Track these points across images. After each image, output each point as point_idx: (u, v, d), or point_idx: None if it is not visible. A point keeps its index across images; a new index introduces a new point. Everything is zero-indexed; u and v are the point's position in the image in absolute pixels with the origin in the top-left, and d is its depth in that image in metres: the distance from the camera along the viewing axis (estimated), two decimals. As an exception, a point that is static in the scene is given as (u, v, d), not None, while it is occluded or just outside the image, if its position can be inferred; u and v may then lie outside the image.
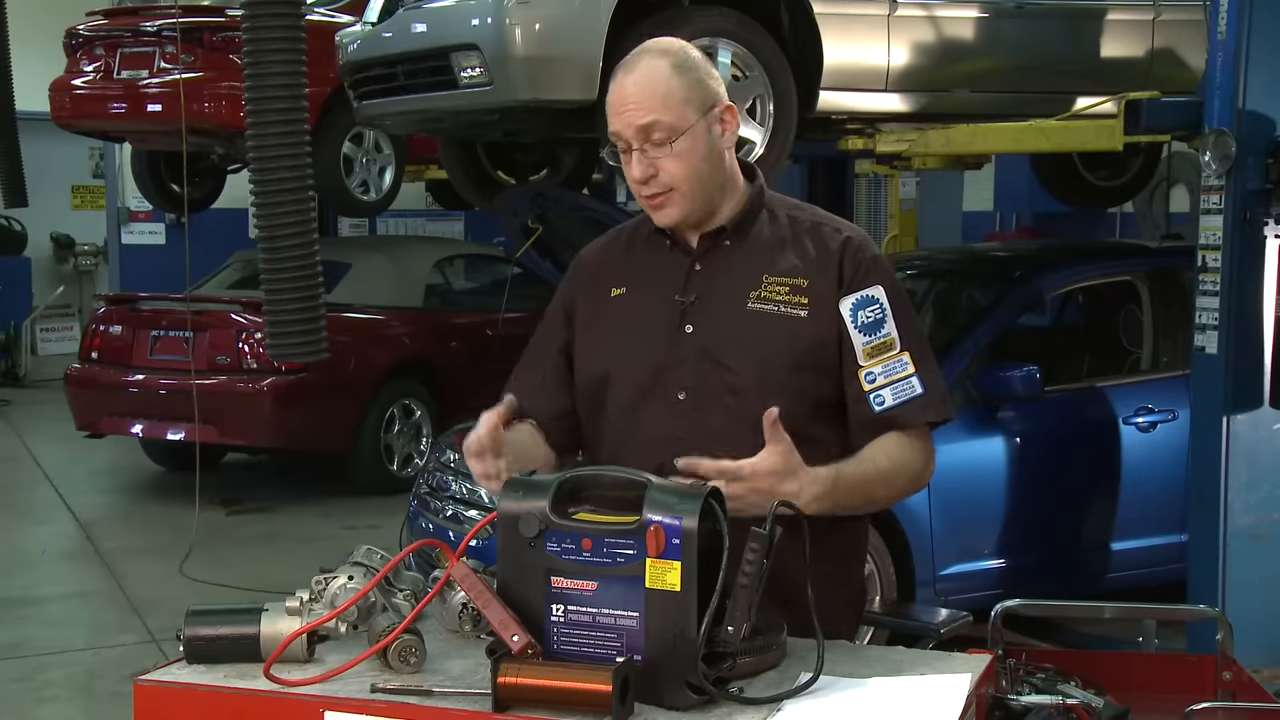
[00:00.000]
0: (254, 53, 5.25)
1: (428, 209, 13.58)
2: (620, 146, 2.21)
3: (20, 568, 7.41)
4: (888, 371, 2.20)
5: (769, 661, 1.89)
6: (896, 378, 2.20)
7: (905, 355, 2.20)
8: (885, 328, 2.20)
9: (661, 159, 2.18)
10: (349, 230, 12.40)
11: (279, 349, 5.66)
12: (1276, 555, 5.29)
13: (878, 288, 2.21)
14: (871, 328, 2.21)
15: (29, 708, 5.25)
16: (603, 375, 2.31)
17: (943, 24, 6.06)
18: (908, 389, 2.20)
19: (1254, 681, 2.44)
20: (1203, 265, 5.28)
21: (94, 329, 9.13)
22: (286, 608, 1.89)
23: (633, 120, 2.17)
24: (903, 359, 2.20)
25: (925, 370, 2.22)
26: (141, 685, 1.87)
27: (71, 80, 9.10)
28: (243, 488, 9.13)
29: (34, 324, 14.68)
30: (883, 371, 2.20)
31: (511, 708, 1.72)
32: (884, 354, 2.20)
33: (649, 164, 2.18)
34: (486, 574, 1.92)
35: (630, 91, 2.18)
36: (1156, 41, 6.42)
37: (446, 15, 5.59)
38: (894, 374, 2.20)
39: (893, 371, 2.20)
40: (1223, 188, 5.19)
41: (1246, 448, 5.23)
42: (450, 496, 5.57)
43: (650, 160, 2.18)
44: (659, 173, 2.19)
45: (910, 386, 2.19)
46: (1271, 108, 5.14)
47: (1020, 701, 2.00)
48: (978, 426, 5.34)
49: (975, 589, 5.20)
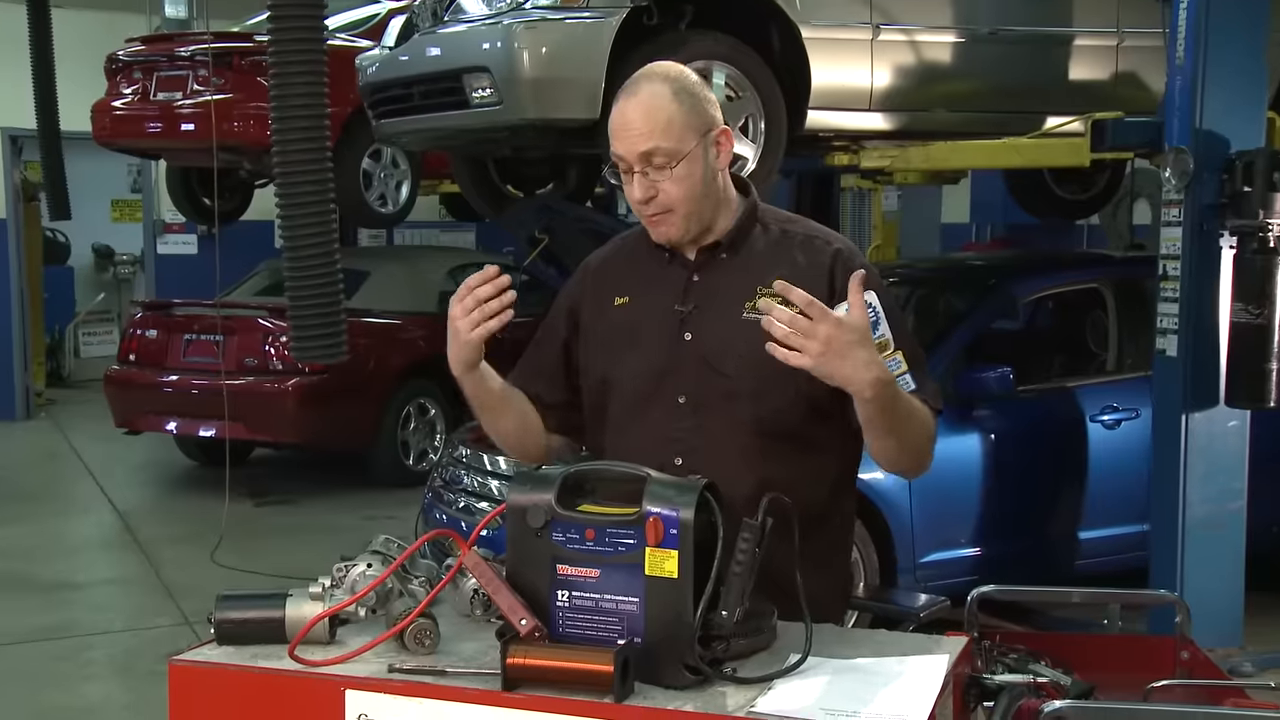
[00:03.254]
0: (279, 76, 5.24)
1: (441, 220, 13.54)
2: (622, 168, 2.20)
3: (64, 555, 7.41)
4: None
5: (760, 644, 1.89)
6: (893, 375, 2.19)
7: (899, 355, 2.19)
8: (880, 329, 2.18)
9: (661, 181, 2.17)
10: (368, 240, 12.38)
11: (302, 351, 5.65)
12: (1231, 543, 5.30)
13: (870, 293, 2.20)
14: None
15: (75, 684, 5.25)
16: (606, 379, 2.31)
17: (922, 48, 6.06)
18: (903, 385, 2.19)
19: (1209, 660, 2.44)
20: (1163, 274, 5.29)
21: (131, 333, 9.13)
22: (310, 593, 1.89)
23: (635, 146, 2.15)
24: (896, 358, 2.19)
25: (916, 368, 2.21)
26: (176, 665, 1.87)
27: (111, 102, 9.10)
28: (269, 481, 9.13)
29: (77, 328, 14.67)
30: None
31: (520, 686, 1.72)
32: (880, 354, 2.19)
33: (649, 185, 2.17)
34: (496, 562, 1.91)
35: (632, 117, 2.16)
36: (1120, 66, 6.42)
37: (459, 40, 5.58)
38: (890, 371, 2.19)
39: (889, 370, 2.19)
40: (1182, 201, 5.21)
41: (1203, 444, 5.25)
42: (462, 490, 5.57)
43: (651, 182, 2.17)
44: (659, 194, 2.18)
45: (905, 383, 2.18)
46: (1226, 127, 5.16)
47: (994, 680, 2.00)
48: (955, 424, 5.34)
49: (953, 575, 5.20)
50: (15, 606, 6.26)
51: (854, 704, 1.67)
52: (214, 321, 8.40)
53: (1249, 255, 5.03)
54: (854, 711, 1.65)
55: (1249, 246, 5.03)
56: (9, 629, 5.87)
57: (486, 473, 5.46)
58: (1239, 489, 5.29)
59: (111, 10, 11.49)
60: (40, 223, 12.46)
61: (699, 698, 1.72)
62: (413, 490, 7.42)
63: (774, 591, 1.91)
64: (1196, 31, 5.11)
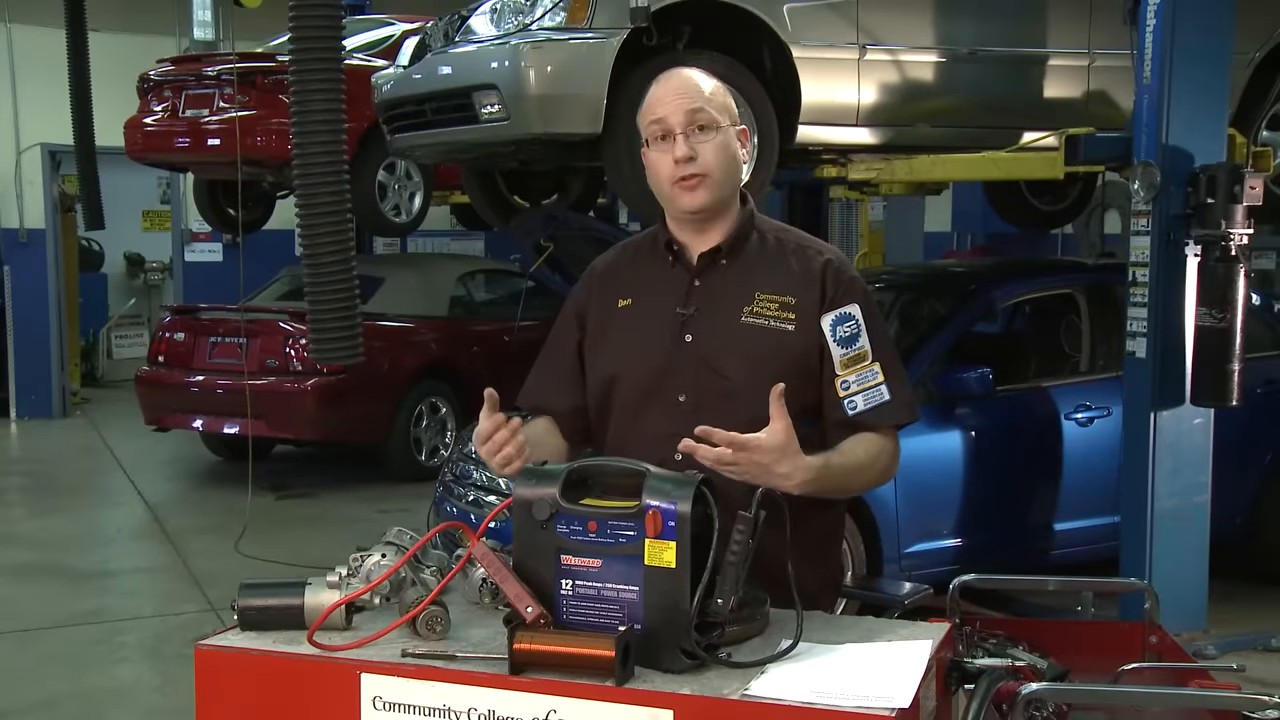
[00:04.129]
0: (300, 93, 5.23)
1: (452, 229, 13.52)
2: (661, 133, 2.21)
3: (98, 545, 7.41)
4: (860, 380, 2.20)
5: (754, 630, 1.88)
6: (868, 386, 2.19)
7: (876, 365, 2.20)
8: (860, 341, 2.19)
9: (702, 144, 2.19)
10: (382, 248, 12.37)
11: (320, 353, 5.63)
12: (1197, 534, 5.30)
13: (854, 305, 2.21)
14: (848, 341, 2.20)
15: (108, 667, 5.24)
16: (610, 378, 2.30)
17: (906, 67, 6.05)
18: (877, 396, 2.19)
19: (1176, 644, 2.43)
20: (1133, 280, 5.29)
21: (160, 336, 9.12)
22: (327, 582, 1.88)
23: (683, 105, 2.19)
24: (874, 369, 2.20)
25: (893, 379, 2.21)
26: (202, 649, 1.86)
27: (143, 119, 9.09)
28: (290, 475, 9.12)
29: (109, 332, 14.67)
30: (856, 380, 2.20)
31: (526, 670, 1.72)
32: (858, 364, 2.20)
33: (692, 146, 2.19)
34: (504, 552, 1.91)
35: (678, 86, 2.22)
36: (1092, 84, 6.41)
37: (469, 59, 5.57)
38: (866, 382, 2.20)
39: (865, 380, 2.20)
40: (1149, 212, 5.21)
41: (1171, 440, 5.25)
42: (472, 484, 5.56)
43: (693, 144, 2.19)
44: (699, 156, 2.19)
45: (880, 394, 2.19)
46: (1191, 143, 5.16)
47: (975, 664, 1.99)
48: (937, 421, 5.33)
49: (935, 565, 5.19)
50: (54, 593, 6.26)
51: (842, 686, 1.67)
52: (238, 325, 8.40)
53: (1212, 263, 5.04)
54: (842, 693, 1.64)
55: (1212, 255, 5.04)
56: (49, 614, 5.87)
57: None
58: (1204, 483, 5.29)
59: (143, 33, 11.52)
60: (76, 232, 12.47)
61: (695, 681, 1.71)
62: (425, 484, 7.42)
63: (767, 581, 1.91)
64: (1162, 53, 5.11)
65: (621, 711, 1.66)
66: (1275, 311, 6.45)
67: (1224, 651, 4.92)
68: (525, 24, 5.37)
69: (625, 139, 5.01)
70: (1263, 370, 5.85)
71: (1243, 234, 5.00)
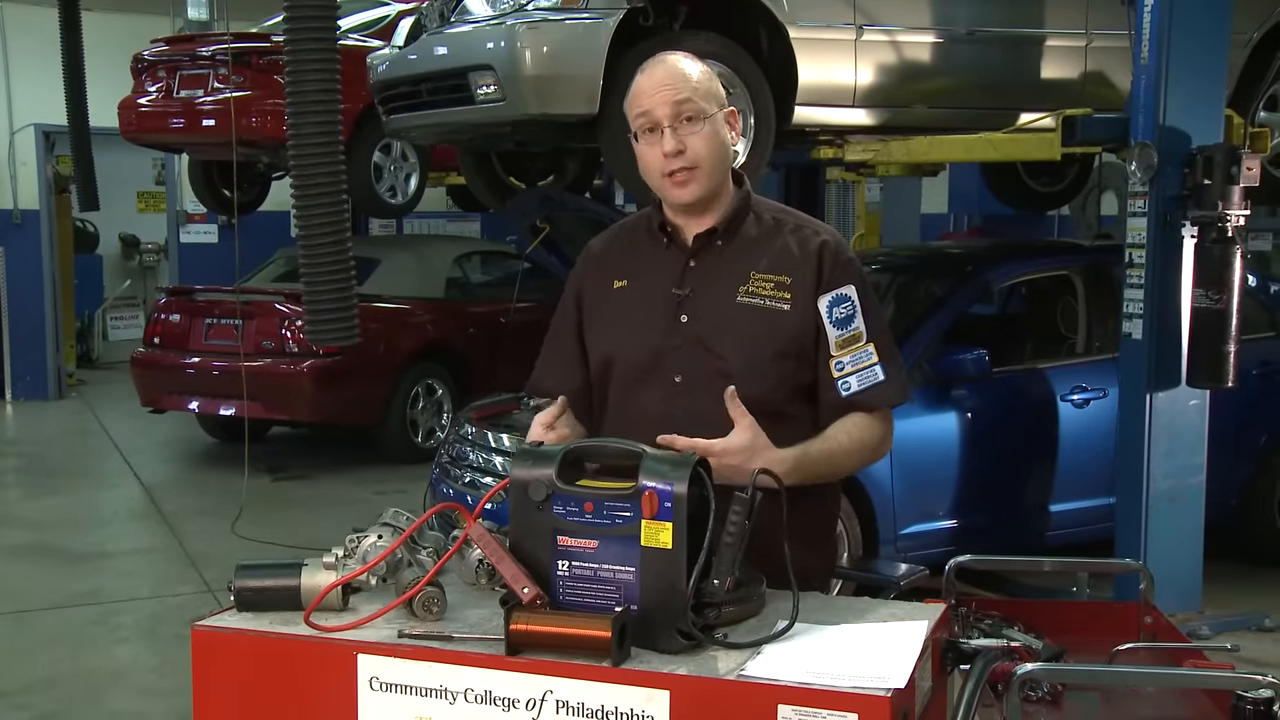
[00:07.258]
0: (295, 74, 5.20)
1: (448, 211, 13.49)
2: (648, 125, 2.20)
3: (95, 526, 7.42)
4: (855, 361, 2.20)
5: (750, 611, 1.88)
6: (862, 366, 2.20)
7: (870, 346, 2.20)
8: (855, 322, 2.19)
9: (689, 136, 2.18)
10: (378, 230, 12.35)
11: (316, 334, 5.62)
12: (1191, 515, 5.31)
13: (850, 287, 2.21)
14: (843, 322, 2.20)
15: (106, 647, 5.26)
16: (607, 359, 2.30)
17: (903, 48, 6.04)
18: (871, 376, 2.19)
19: (1171, 625, 2.44)
20: (1129, 261, 5.29)
21: (156, 317, 9.12)
22: (324, 563, 1.88)
23: (669, 97, 2.17)
24: (868, 350, 2.20)
25: (887, 360, 2.22)
26: (198, 630, 1.86)
27: (137, 99, 9.06)
28: (286, 457, 9.13)
29: (105, 313, 14.65)
30: (850, 361, 2.20)
31: (522, 651, 1.72)
32: (853, 345, 2.20)
33: (679, 140, 2.18)
34: (500, 534, 1.90)
35: (663, 77, 2.20)
36: (1089, 65, 6.40)
37: (465, 39, 5.55)
38: (860, 363, 2.20)
39: (859, 361, 2.20)
40: (1146, 194, 5.20)
41: (1166, 421, 5.25)
42: (468, 465, 5.56)
43: (681, 137, 2.18)
44: (687, 149, 2.18)
45: (873, 374, 2.19)
46: (1188, 124, 5.16)
47: (970, 644, 1.99)
48: (934, 403, 5.34)
49: (931, 546, 5.20)
50: (52, 574, 6.26)
51: (838, 667, 1.67)
52: (233, 306, 8.39)
53: (1209, 244, 5.04)
54: (838, 674, 1.64)
55: (1209, 236, 5.04)
56: (47, 595, 5.89)
57: (491, 449, 5.45)
58: (1199, 464, 5.30)
59: (137, 13, 11.46)
60: (71, 213, 12.43)
61: (692, 661, 1.71)
62: (421, 466, 7.42)
63: (763, 562, 1.91)
64: (1160, 33, 5.10)
65: (618, 692, 1.66)
66: (1271, 293, 6.45)
67: (1218, 632, 4.94)
68: (521, 4, 5.35)
69: (621, 120, 4.97)
70: (1258, 352, 5.86)
71: (1239, 215, 5.00)
